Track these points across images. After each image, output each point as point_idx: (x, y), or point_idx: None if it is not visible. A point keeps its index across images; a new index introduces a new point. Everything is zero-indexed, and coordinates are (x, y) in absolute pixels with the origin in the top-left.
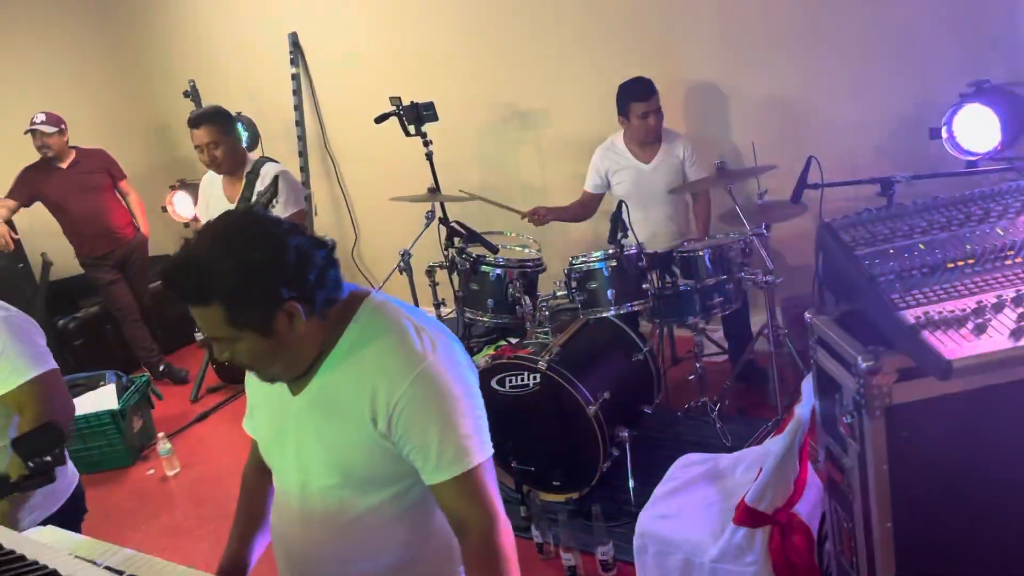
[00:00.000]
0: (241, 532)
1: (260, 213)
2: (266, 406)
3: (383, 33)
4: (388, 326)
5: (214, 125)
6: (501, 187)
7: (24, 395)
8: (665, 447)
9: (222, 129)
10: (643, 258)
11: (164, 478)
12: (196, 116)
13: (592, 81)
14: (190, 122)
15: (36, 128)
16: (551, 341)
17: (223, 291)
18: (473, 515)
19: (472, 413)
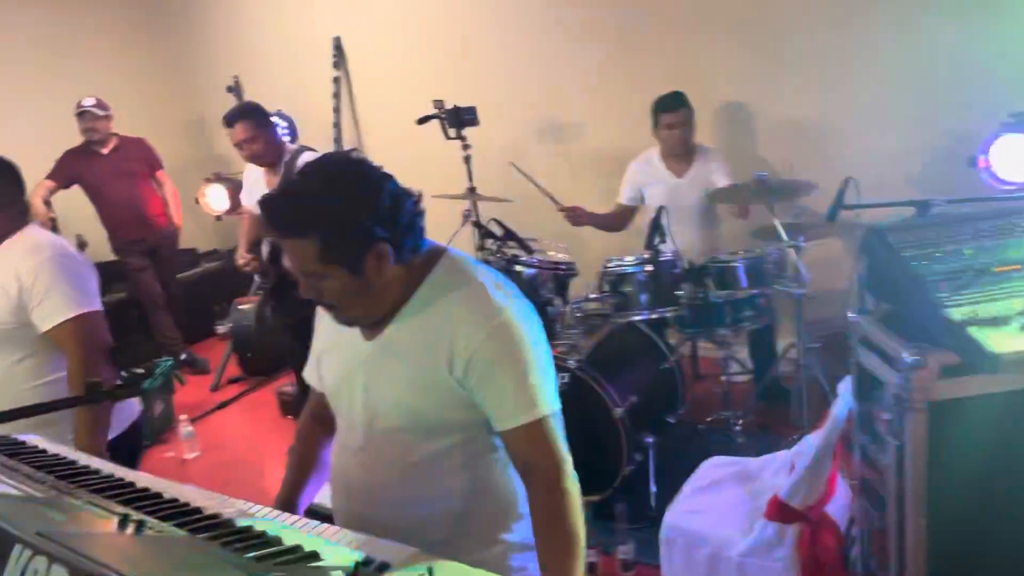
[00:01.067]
0: (293, 480)
1: (359, 156)
2: (337, 350)
3: (424, 40)
4: (468, 278)
5: (249, 120)
6: (529, 196)
7: (66, 333)
8: (687, 457)
9: (257, 123)
10: (678, 265)
11: (183, 461)
12: (230, 114)
13: (629, 97)
14: (225, 120)
15: (87, 110)
16: (581, 343)
17: (321, 224)
18: (542, 461)
19: (544, 366)
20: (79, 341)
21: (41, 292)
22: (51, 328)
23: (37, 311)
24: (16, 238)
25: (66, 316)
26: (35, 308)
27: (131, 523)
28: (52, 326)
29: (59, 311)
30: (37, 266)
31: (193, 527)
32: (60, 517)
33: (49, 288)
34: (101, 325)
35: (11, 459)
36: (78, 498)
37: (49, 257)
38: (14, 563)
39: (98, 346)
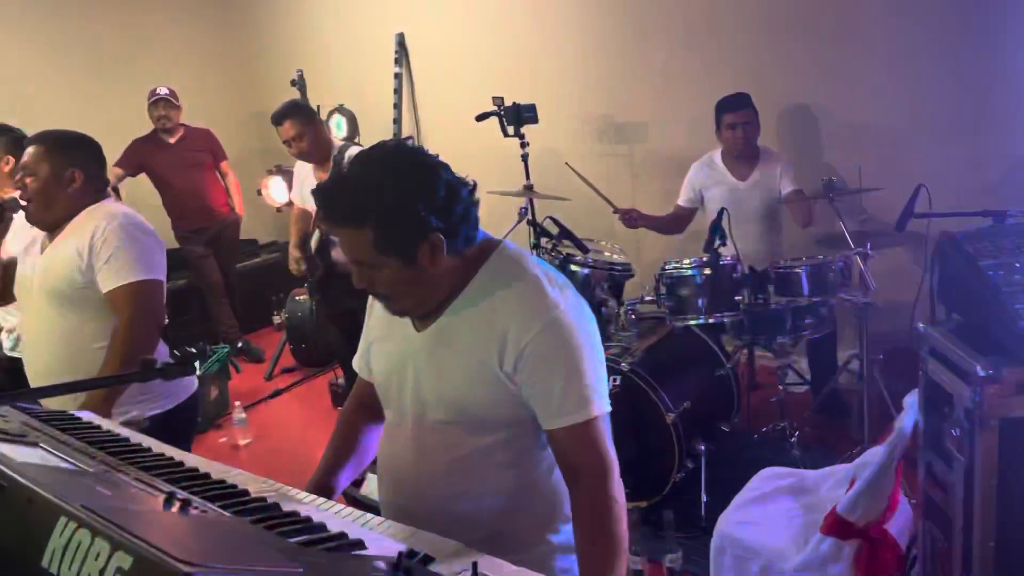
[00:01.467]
0: (329, 464)
1: (415, 145)
2: (388, 340)
3: (486, 37)
4: (523, 273)
5: (297, 118)
6: (586, 196)
7: (123, 296)
8: (740, 467)
9: (304, 120)
10: (738, 270)
11: (236, 446)
12: (278, 113)
13: (692, 99)
14: (273, 120)
15: (161, 97)
16: (635, 345)
17: (377, 213)
18: (588, 463)
19: (596, 366)
20: (131, 305)
21: (107, 254)
22: (110, 290)
23: (101, 272)
24: (95, 207)
25: (126, 280)
26: (100, 269)
27: (177, 501)
28: (111, 288)
29: (120, 274)
30: (108, 230)
31: (238, 509)
32: (107, 492)
33: (115, 251)
34: (158, 297)
35: (64, 433)
36: (126, 474)
37: (121, 224)
38: (58, 535)
39: (148, 315)
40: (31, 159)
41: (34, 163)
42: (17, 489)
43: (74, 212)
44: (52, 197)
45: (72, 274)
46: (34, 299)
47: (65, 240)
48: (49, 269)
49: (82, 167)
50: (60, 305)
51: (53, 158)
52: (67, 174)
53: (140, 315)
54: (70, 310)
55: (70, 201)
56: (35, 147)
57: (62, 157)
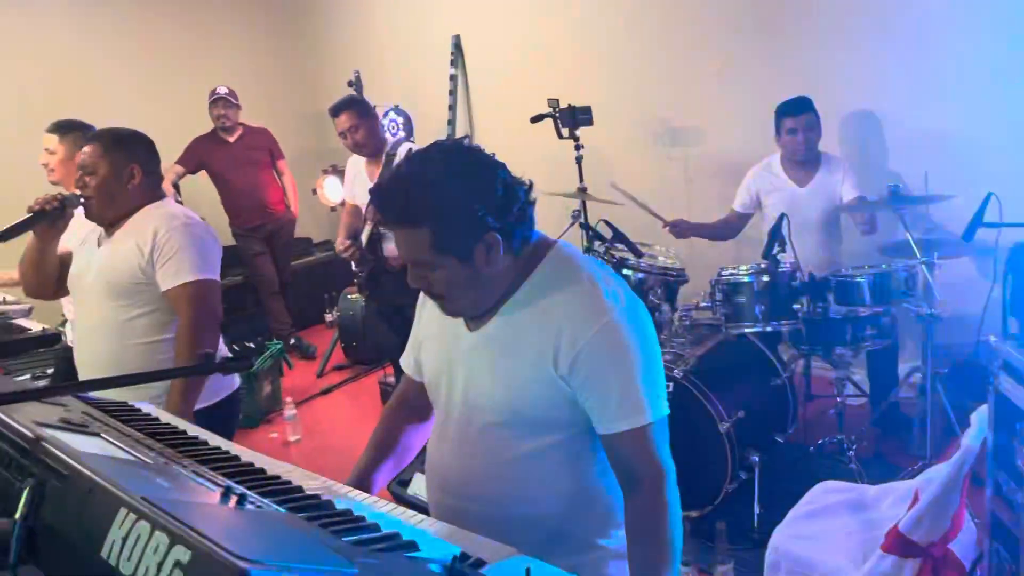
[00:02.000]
0: (369, 460)
1: (472, 144)
2: (438, 340)
3: (542, 39)
4: (578, 274)
5: (353, 110)
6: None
7: (182, 295)
8: (795, 479)
9: (360, 113)
10: (797, 277)
11: (286, 443)
12: (336, 105)
13: (750, 104)
14: (331, 111)
15: (221, 97)
16: (688, 352)
17: (433, 213)
18: (643, 469)
19: (654, 369)
20: (193, 305)
21: (169, 253)
22: (170, 288)
23: (162, 270)
24: (155, 205)
25: (186, 279)
26: (161, 267)
27: (233, 496)
28: (172, 286)
29: (181, 273)
30: (171, 229)
31: (293, 506)
32: (166, 484)
33: (177, 250)
34: (216, 295)
35: (124, 424)
36: (184, 467)
37: (184, 224)
38: (118, 526)
39: (209, 313)
40: (90, 157)
41: (93, 161)
42: (79, 478)
43: (133, 208)
44: (112, 194)
45: (132, 270)
46: (88, 293)
47: (125, 236)
48: (107, 264)
49: (140, 163)
50: (115, 299)
51: (112, 155)
52: (126, 171)
53: (202, 314)
54: (124, 304)
55: (130, 197)
56: (93, 145)
57: (121, 154)
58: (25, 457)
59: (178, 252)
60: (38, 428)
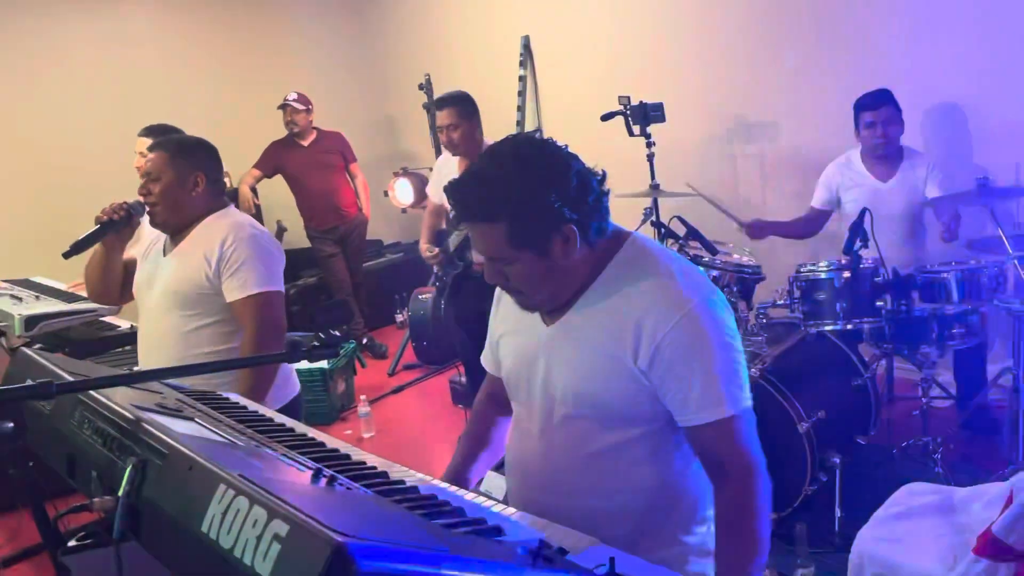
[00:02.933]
0: (463, 455)
1: (545, 138)
2: (517, 334)
3: (612, 37)
4: (656, 265)
5: (455, 108)
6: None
7: (248, 306)
8: (878, 482)
9: (462, 113)
10: (880, 274)
11: (360, 439)
12: (441, 98)
13: (828, 98)
14: (436, 103)
15: (288, 104)
16: (765, 351)
17: (510, 207)
18: (730, 461)
19: (736, 361)
20: (257, 317)
21: (236, 263)
22: (236, 299)
23: (228, 281)
24: (221, 214)
25: (252, 291)
26: (227, 278)
27: (324, 477)
28: (237, 297)
29: (247, 285)
30: (239, 240)
31: (380, 489)
32: (259, 464)
33: (244, 261)
34: (280, 307)
35: (215, 411)
36: (274, 450)
37: (251, 235)
38: (217, 502)
39: (273, 325)
40: (155, 164)
41: (158, 168)
42: (178, 457)
43: (198, 215)
44: (176, 201)
45: (198, 279)
46: (154, 301)
47: (192, 244)
48: (174, 272)
49: (205, 171)
50: (180, 308)
51: (177, 163)
52: (191, 178)
53: (266, 327)
54: (190, 314)
55: (194, 204)
56: (159, 152)
57: (185, 161)
58: (127, 437)
59: (244, 263)
60: (137, 411)
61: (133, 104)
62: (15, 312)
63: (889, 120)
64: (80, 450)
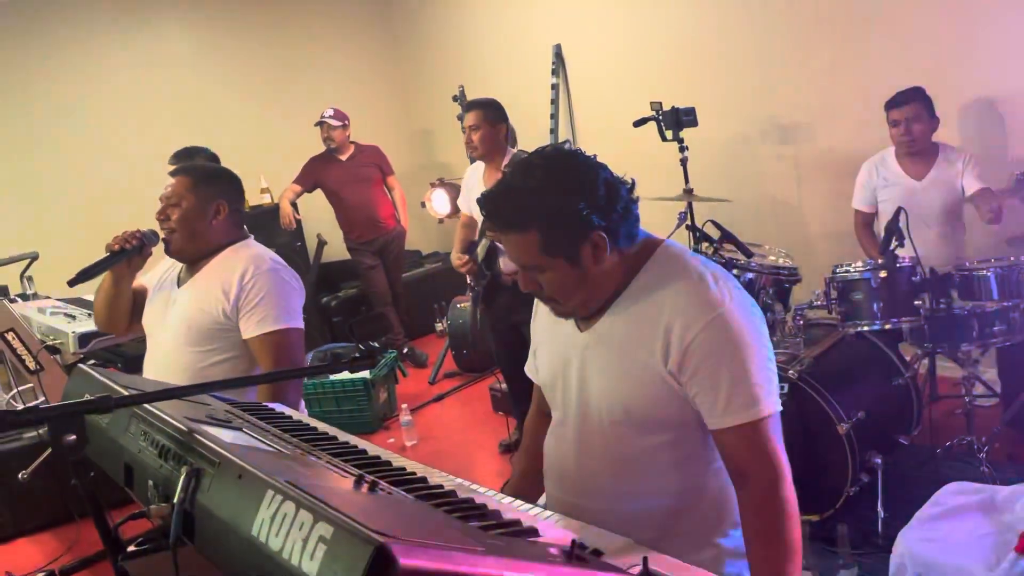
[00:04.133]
0: (523, 469)
1: (572, 148)
2: (551, 342)
3: (643, 42)
4: (686, 270)
5: (481, 111)
6: (749, 201)
7: (265, 344)
8: (921, 482)
9: (486, 117)
10: (917, 272)
11: (403, 447)
12: (471, 102)
13: (863, 97)
14: (465, 107)
15: (324, 121)
16: (803, 352)
17: (541, 216)
18: (757, 465)
19: (765, 364)
20: (274, 355)
21: (255, 299)
22: (253, 336)
23: (245, 317)
24: (240, 245)
25: (269, 328)
26: (245, 314)
27: (365, 483)
28: (255, 334)
29: (265, 322)
30: (258, 274)
31: (421, 494)
32: (304, 471)
33: (263, 297)
34: (298, 344)
35: (263, 421)
36: (319, 458)
37: (270, 269)
38: (266, 507)
39: (290, 362)
40: (175, 190)
41: (179, 193)
42: (229, 465)
43: (216, 245)
44: (196, 229)
45: (215, 313)
46: (166, 332)
47: (209, 276)
48: (189, 305)
49: (226, 199)
50: (195, 342)
51: (198, 190)
52: (212, 206)
53: (284, 365)
54: (204, 350)
55: (213, 233)
56: (180, 178)
57: (207, 189)
58: (180, 447)
59: (263, 299)
60: (189, 422)
61: (175, 125)
62: (69, 330)
63: (915, 117)
64: (136, 460)
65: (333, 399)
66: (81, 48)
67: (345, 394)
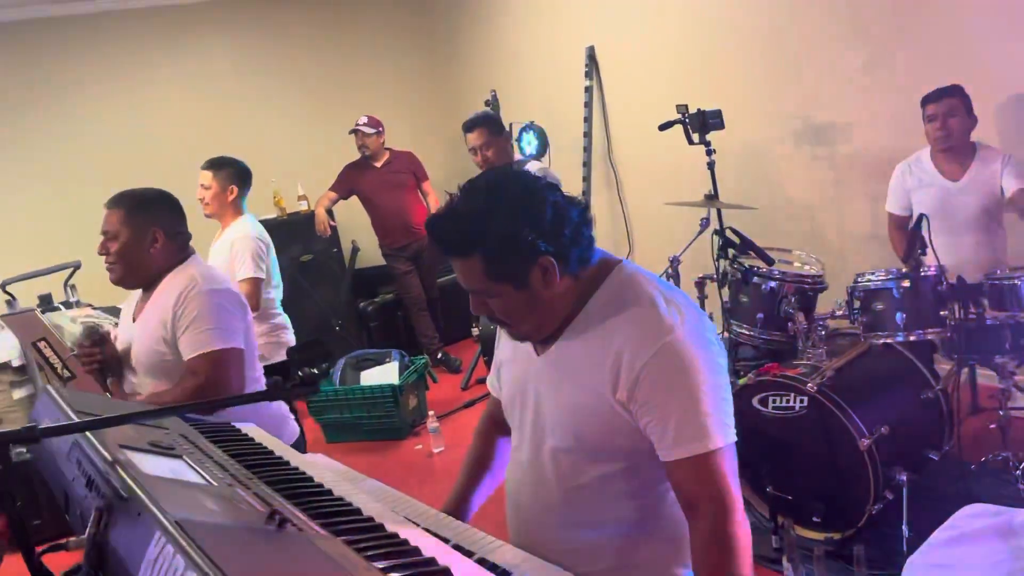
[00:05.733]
0: (465, 481)
1: (519, 170)
2: (513, 362)
3: (678, 43)
4: (638, 294)
5: (485, 128)
6: (781, 205)
7: (201, 364)
8: (951, 500)
9: (492, 131)
10: (944, 281)
11: (430, 454)
12: (469, 121)
13: (901, 95)
14: (465, 127)
15: (358, 128)
16: (825, 364)
17: (483, 241)
18: (706, 499)
19: (717, 393)
20: (207, 374)
21: (187, 322)
22: (190, 358)
23: (181, 340)
24: (178, 270)
25: (204, 349)
26: (180, 337)
27: (276, 518)
28: (190, 356)
29: (198, 343)
30: (188, 297)
31: (338, 528)
32: (215, 507)
33: (195, 319)
34: (235, 367)
35: (216, 445)
36: (248, 488)
37: (201, 291)
38: (153, 547)
39: (223, 384)
40: (111, 223)
41: (115, 227)
42: (134, 501)
43: (160, 271)
44: (133, 259)
45: (157, 347)
46: (137, 371)
47: (152, 310)
48: (138, 340)
49: (162, 226)
50: (153, 378)
51: (133, 220)
52: (148, 235)
53: (211, 384)
54: (160, 381)
55: (153, 261)
56: (113, 210)
57: (142, 218)
58: (101, 478)
59: (196, 320)
60: (120, 451)
61: (215, 136)
62: None
63: (951, 112)
64: (71, 489)
65: (363, 405)
66: (130, 60)
67: (374, 400)
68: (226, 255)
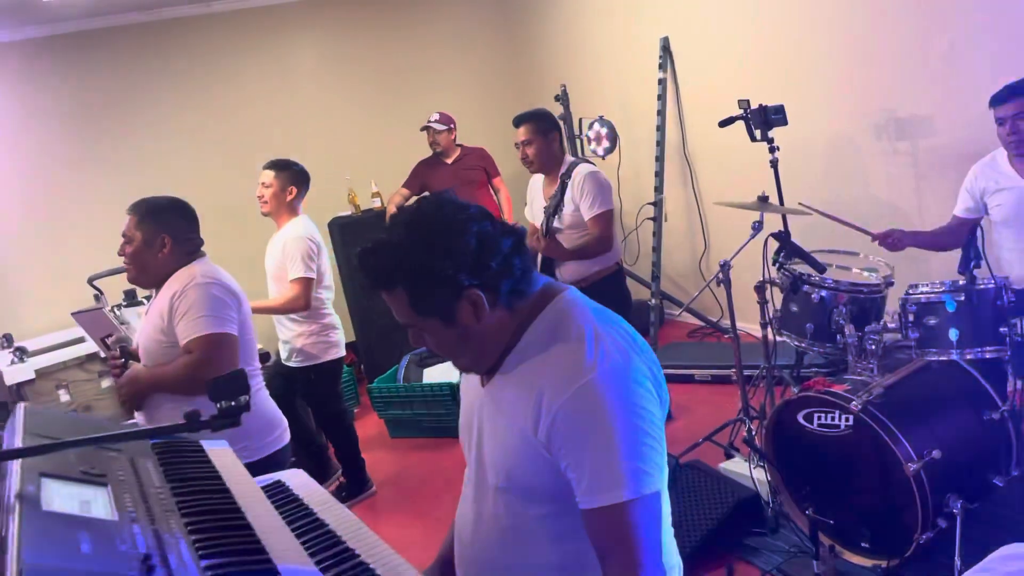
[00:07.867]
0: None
1: (448, 199)
2: (467, 393)
3: (756, 34)
4: (567, 329)
5: (531, 124)
6: (855, 203)
7: (195, 345)
8: (1015, 530)
9: (537, 129)
10: (1003, 296)
11: None
12: (519, 116)
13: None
14: (514, 122)
15: (429, 125)
16: (875, 381)
17: (404, 275)
18: (612, 552)
19: (637, 438)
20: (199, 353)
21: (183, 311)
22: (185, 342)
23: (179, 327)
24: (182, 271)
25: (198, 332)
26: (177, 325)
27: (147, 566)
28: (186, 340)
29: (194, 328)
30: (185, 288)
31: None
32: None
33: (190, 307)
34: (226, 348)
35: (161, 467)
36: (151, 522)
37: (197, 283)
38: None
39: (212, 367)
40: (128, 228)
41: (130, 231)
42: (4, 541)
43: (167, 274)
44: (144, 261)
45: (156, 335)
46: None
47: (155, 304)
48: (142, 332)
49: (171, 232)
50: (152, 363)
51: (144, 226)
52: (157, 240)
53: (202, 363)
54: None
55: (162, 265)
56: (130, 216)
57: (152, 225)
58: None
59: (191, 307)
60: (38, 479)
61: (295, 136)
62: None
63: (1020, 114)
64: None
65: (424, 402)
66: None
67: (433, 397)
68: (279, 255)
